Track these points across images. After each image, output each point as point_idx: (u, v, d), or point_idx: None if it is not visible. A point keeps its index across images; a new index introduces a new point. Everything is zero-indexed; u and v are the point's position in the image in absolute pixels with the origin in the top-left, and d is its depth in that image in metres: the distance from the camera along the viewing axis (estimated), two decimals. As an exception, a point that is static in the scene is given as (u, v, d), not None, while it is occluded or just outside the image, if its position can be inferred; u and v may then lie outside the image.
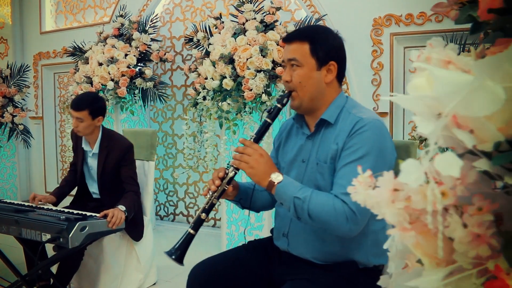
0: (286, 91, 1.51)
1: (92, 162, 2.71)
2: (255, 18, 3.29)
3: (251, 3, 3.36)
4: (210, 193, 1.45)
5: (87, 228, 2.02)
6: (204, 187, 4.38)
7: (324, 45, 1.46)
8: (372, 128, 1.37)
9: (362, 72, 3.50)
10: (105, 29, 4.30)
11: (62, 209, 2.42)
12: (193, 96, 3.52)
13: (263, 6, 3.32)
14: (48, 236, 2.00)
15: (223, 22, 3.48)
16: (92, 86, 3.80)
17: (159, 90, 3.94)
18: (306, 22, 3.34)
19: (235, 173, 1.46)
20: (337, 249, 1.45)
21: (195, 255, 1.73)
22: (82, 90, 3.85)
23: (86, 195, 2.78)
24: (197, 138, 3.73)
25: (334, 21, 3.50)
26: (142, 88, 3.87)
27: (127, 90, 3.74)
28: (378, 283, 0.89)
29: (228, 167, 1.47)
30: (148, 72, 3.83)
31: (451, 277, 0.61)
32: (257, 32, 3.20)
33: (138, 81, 3.82)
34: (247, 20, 3.30)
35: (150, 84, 3.84)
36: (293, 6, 3.82)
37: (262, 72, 3.09)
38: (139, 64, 3.88)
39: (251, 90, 3.08)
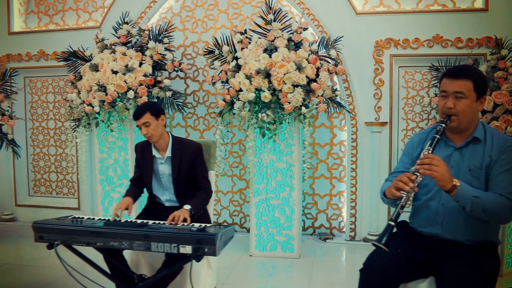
0: (445, 115, 1.93)
1: (164, 169, 2.75)
2: (282, 36, 3.59)
3: (275, 21, 3.65)
4: (405, 193, 1.79)
5: (222, 236, 2.16)
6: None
7: (482, 83, 1.93)
8: None
9: (366, 87, 4.02)
10: (94, 34, 4.18)
11: (162, 222, 2.46)
12: (220, 107, 3.67)
13: (290, 24, 3.63)
14: (188, 248, 2.08)
15: (247, 37, 3.71)
16: (106, 95, 3.72)
17: (176, 100, 3.99)
18: (324, 43, 3.73)
19: (422, 178, 1.83)
20: (482, 233, 1.95)
21: (226, 255, 2.12)
22: (94, 98, 3.74)
23: (157, 206, 2.81)
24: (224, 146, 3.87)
25: (342, 41, 3.94)
26: (158, 97, 3.89)
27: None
28: None
29: (414, 173, 1.82)
30: (167, 81, 3.87)
31: None
32: (288, 50, 3.51)
33: (155, 90, 3.84)
34: (275, 38, 3.58)
35: (168, 93, 3.88)
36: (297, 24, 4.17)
37: (299, 87, 3.41)
38: (151, 74, 3.89)
39: (289, 103, 3.38)
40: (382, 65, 3.99)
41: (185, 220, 2.44)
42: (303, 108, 3.39)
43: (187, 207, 2.52)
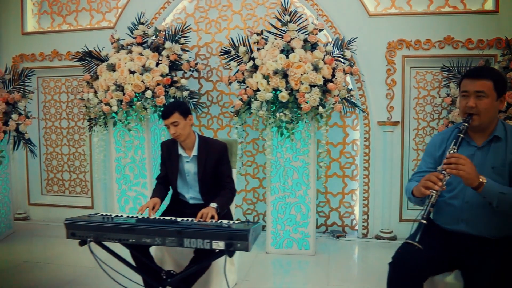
0: (467, 114, 2.00)
1: (190, 167, 2.79)
2: (298, 37, 3.65)
3: (291, 22, 3.71)
4: (434, 192, 1.85)
5: (253, 232, 2.21)
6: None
7: (502, 83, 2.00)
8: None
9: (378, 87, 4.09)
10: (108, 34, 4.23)
11: (190, 219, 2.51)
12: (237, 107, 3.72)
13: (306, 25, 3.70)
14: (220, 243, 2.13)
15: (263, 38, 3.76)
16: (124, 95, 3.76)
17: (193, 100, 4.04)
18: (338, 44, 3.80)
19: (449, 177, 1.90)
20: (507, 228, 2.01)
21: (243, 252, 2.18)
22: (112, 97, 3.78)
23: (181, 204, 2.86)
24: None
25: (355, 42, 4.00)
26: (174, 97, 3.95)
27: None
28: None
29: (442, 172, 1.88)
30: (184, 81, 3.92)
31: None
32: (304, 50, 3.57)
33: (172, 90, 3.89)
34: (291, 39, 3.64)
35: (185, 93, 3.93)
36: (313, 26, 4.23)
37: (316, 87, 3.47)
38: (167, 74, 3.94)
39: (307, 102, 3.45)
40: (394, 65, 4.07)
41: (212, 217, 2.49)
42: (320, 107, 3.46)
43: (213, 205, 2.55)
